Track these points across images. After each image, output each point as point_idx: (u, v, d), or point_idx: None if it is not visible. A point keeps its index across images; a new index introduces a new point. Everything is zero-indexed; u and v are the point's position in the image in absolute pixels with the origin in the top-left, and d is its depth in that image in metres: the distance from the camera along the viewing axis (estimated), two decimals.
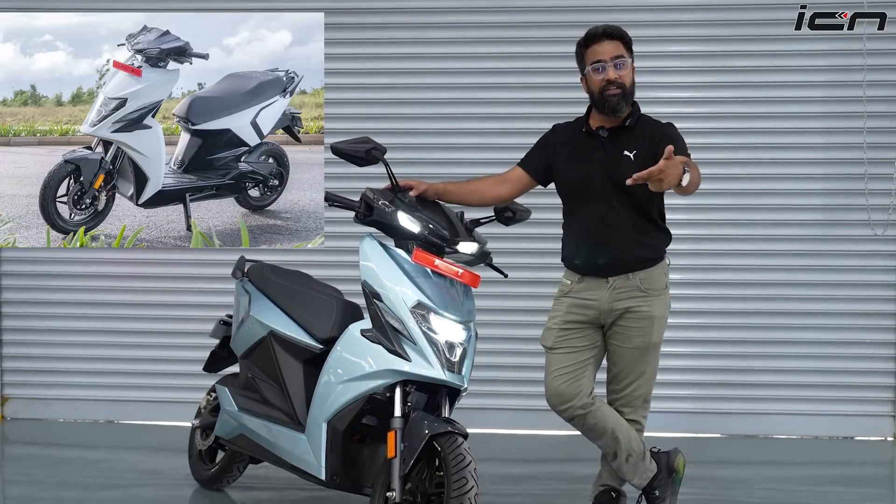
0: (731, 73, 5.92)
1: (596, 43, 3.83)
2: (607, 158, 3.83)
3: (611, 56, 3.80)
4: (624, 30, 3.89)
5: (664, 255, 3.95)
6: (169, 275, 6.20)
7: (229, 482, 4.69)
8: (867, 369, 5.93)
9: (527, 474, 5.19)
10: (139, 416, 6.20)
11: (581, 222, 3.92)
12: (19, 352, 6.32)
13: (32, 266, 6.26)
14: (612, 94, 3.79)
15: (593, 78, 3.82)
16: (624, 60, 3.81)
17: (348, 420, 3.76)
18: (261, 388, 4.35)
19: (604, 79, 3.79)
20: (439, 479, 3.50)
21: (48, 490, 4.77)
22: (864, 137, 5.78)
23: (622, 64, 3.81)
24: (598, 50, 3.82)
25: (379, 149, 3.81)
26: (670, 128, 3.87)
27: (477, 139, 6.02)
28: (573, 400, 3.85)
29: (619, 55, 3.81)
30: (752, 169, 5.93)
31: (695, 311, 5.93)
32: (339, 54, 6.01)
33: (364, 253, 3.85)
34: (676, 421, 5.85)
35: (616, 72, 3.80)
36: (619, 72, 3.80)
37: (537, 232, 5.33)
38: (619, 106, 3.81)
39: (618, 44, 3.83)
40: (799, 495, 4.81)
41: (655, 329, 3.88)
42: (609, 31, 3.85)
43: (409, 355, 3.64)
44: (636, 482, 3.97)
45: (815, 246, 5.93)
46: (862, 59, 5.76)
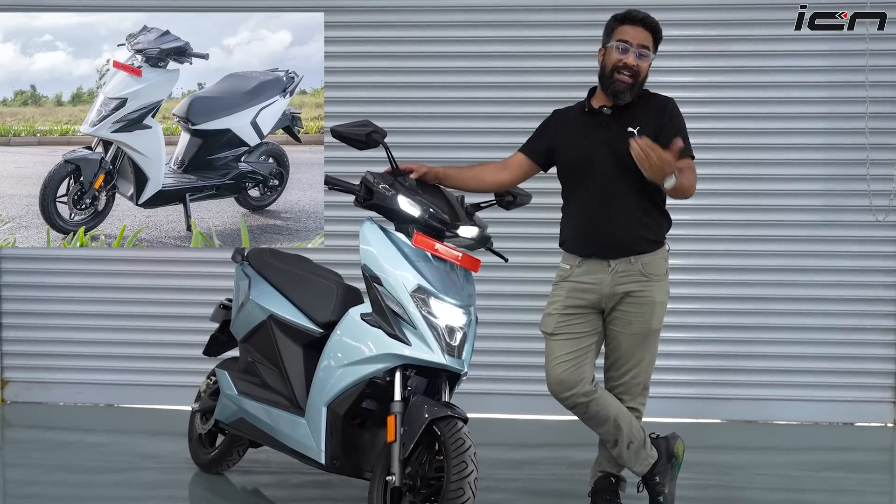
0: (733, 59, 5.90)
1: (630, 24, 3.84)
2: (611, 136, 3.82)
3: (638, 43, 3.81)
4: (661, 26, 3.89)
5: (664, 240, 3.94)
6: (169, 272, 6.21)
7: (229, 466, 4.69)
8: (868, 355, 5.93)
9: (526, 459, 5.20)
10: (139, 399, 6.21)
11: (582, 203, 3.90)
12: (19, 335, 6.32)
13: (32, 261, 6.27)
14: (623, 79, 3.79)
15: (613, 55, 3.82)
16: (648, 52, 3.83)
17: (348, 404, 3.76)
18: (261, 372, 4.34)
19: (622, 60, 3.79)
20: (439, 463, 3.50)
21: (48, 473, 4.77)
22: (866, 123, 5.77)
23: (645, 55, 3.82)
24: (630, 31, 3.83)
25: (379, 132, 3.80)
26: (673, 109, 3.87)
27: (478, 123, 6.01)
28: (576, 387, 3.83)
29: (646, 45, 3.82)
30: (753, 154, 5.92)
31: (695, 297, 5.92)
32: (339, 53, 5.99)
33: (364, 237, 3.84)
34: (676, 406, 5.85)
35: (637, 60, 3.80)
36: (640, 61, 3.80)
37: (538, 216, 5.32)
38: (624, 94, 3.81)
39: (649, 35, 3.85)
40: (799, 481, 4.82)
41: (656, 314, 3.87)
42: (648, 20, 3.86)
43: (409, 339, 3.63)
44: (637, 469, 3.96)
45: (817, 232, 5.92)
46: (864, 45, 5.74)
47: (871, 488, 4.83)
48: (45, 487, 4.54)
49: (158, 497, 4.42)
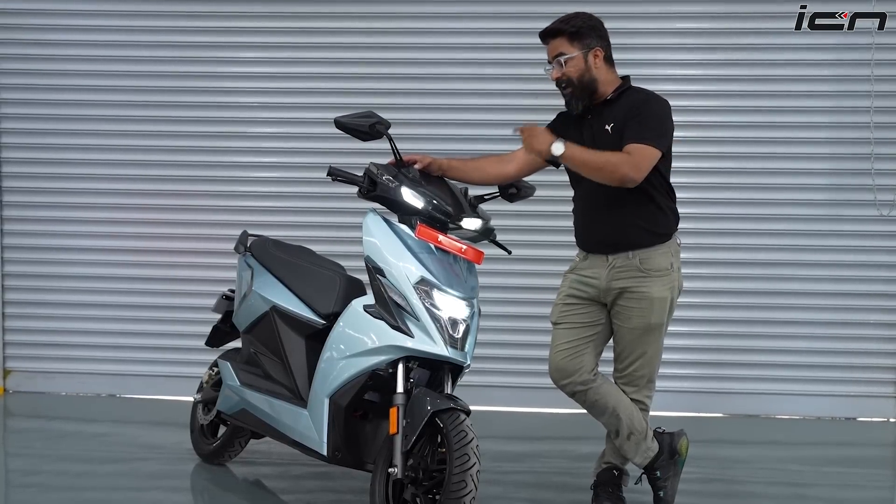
0: (738, 52, 5.88)
1: (544, 44, 3.88)
2: (594, 136, 3.83)
3: (552, 56, 3.83)
4: (566, 22, 3.83)
5: (669, 236, 3.92)
6: (171, 263, 6.21)
7: (231, 457, 4.70)
8: (870, 350, 5.92)
9: (529, 452, 5.20)
10: (141, 390, 6.21)
11: (581, 199, 3.96)
12: (22, 325, 6.32)
13: (35, 251, 6.27)
14: (564, 93, 3.84)
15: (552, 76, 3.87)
16: (566, 57, 3.79)
17: (350, 396, 3.75)
18: (263, 363, 4.34)
19: (553, 78, 3.84)
20: (441, 455, 3.49)
21: (50, 463, 4.77)
22: (871, 117, 5.75)
23: (564, 61, 3.79)
24: (547, 51, 3.86)
25: (383, 123, 3.78)
26: (648, 105, 3.79)
27: (482, 115, 6.00)
28: (573, 375, 3.86)
29: (559, 53, 3.81)
30: (757, 148, 5.90)
31: (698, 291, 5.90)
32: (338, 44, 6.00)
33: (367, 228, 3.83)
34: (678, 400, 5.85)
35: (559, 70, 3.81)
36: (563, 69, 3.80)
37: (542, 209, 5.32)
38: (572, 102, 3.84)
39: (560, 41, 3.82)
40: (800, 475, 4.81)
41: (655, 310, 3.86)
42: (546, 31, 3.86)
43: (411, 331, 3.62)
44: (637, 461, 3.97)
45: (820, 226, 5.91)
46: (870, 38, 5.72)
47: (873, 483, 4.83)
48: (47, 477, 4.54)
49: (160, 487, 4.41)
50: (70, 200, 6.22)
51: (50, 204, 6.23)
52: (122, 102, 6.17)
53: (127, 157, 6.19)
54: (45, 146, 6.22)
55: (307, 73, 6.08)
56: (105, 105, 6.18)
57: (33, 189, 6.24)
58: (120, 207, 6.19)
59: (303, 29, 6.07)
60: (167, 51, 6.12)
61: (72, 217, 6.23)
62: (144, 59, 6.13)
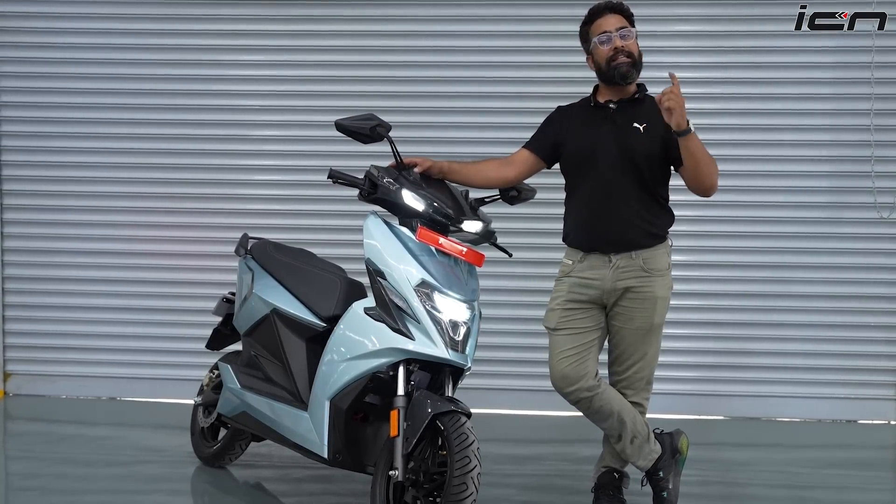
0: (736, 54, 5.89)
1: (600, 17, 3.87)
2: (616, 130, 3.82)
3: (615, 27, 3.83)
4: (626, 5, 3.91)
5: (667, 235, 3.93)
6: (172, 266, 6.21)
7: (231, 460, 4.70)
8: (871, 352, 5.92)
9: (530, 455, 5.19)
10: (142, 393, 6.21)
11: (585, 196, 3.89)
12: (22, 328, 6.32)
13: (36, 254, 6.28)
14: (622, 62, 3.80)
15: (600, 50, 3.83)
16: (629, 31, 3.83)
17: (351, 398, 3.75)
18: (263, 365, 4.34)
19: (611, 48, 3.80)
20: (442, 458, 3.48)
21: (50, 466, 4.77)
22: (871, 120, 5.76)
23: (627, 34, 3.82)
24: (603, 23, 3.85)
25: (384, 126, 3.78)
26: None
27: (483, 118, 6.00)
28: (579, 382, 3.83)
29: (622, 26, 3.83)
30: (757, 150, 5.90)
31: (699, 293, 5.91)
32: (340, 47, 6.00)
33: (368, 231, 3.83)
34: (679, 403, 5.85)
35: (622, 41, 3.81)
36: (625, 41, 3.81)
37: (542, 212, 5.30)
38: (630, 73, 3.81)
39: (620, 17, 3.86)
40: (801, 478, 4.81)
41: (658, 310, 3.86)
42: (611, 6, 3.88)
43: (412, 334, 3.62)
44: (641, 464, 3.96)
45: (821, 228, 5.90)
46: (870, 41, 5.73)
47: (874, 485, 4.82)
48: (48, 480, 4.54)
49: (161, 491, 4.41)
50: (71, 203, 6.22)
51: (51, 207, 6.23)
52: (123, 106, 6.17)
53: (127, 160, 6.19)
54: (46, 149, 6.23)
55: (307, 76, 6.09)
56: (106, 108, 6.18)
57: (34, 192, 6.24)
58: (120, 210, 6.20)
59: (302, 32, 6.07)
60: (167, 54, 6.13)
61: (72, 220, 6.23)
62: (145, 62, 6.14)
